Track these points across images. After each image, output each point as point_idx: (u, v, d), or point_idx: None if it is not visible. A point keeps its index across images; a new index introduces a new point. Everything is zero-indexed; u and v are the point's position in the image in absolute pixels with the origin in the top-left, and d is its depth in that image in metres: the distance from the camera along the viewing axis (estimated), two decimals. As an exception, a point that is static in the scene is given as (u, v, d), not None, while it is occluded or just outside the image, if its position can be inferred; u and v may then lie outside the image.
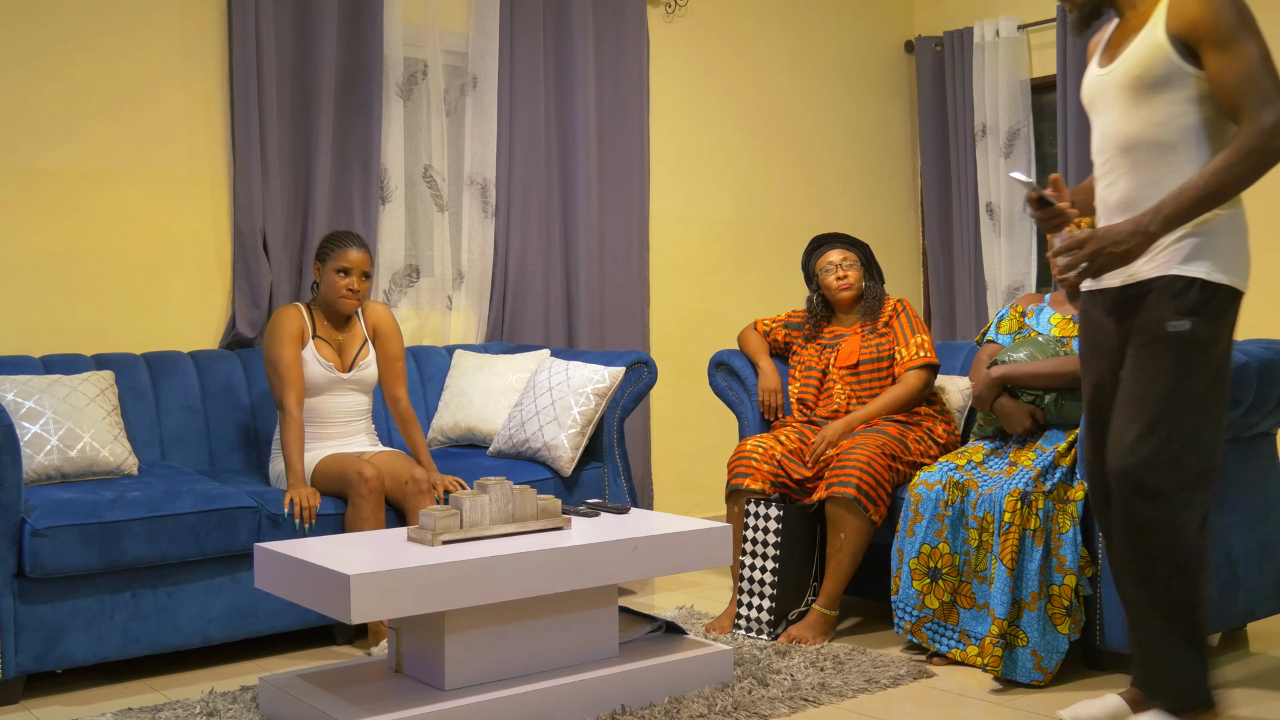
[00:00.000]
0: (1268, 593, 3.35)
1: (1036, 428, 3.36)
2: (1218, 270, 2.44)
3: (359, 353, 3.72)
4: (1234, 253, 2.46)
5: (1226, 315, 2.47)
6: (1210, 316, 2.44)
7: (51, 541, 2.99)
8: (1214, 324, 2.45)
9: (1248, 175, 2.34)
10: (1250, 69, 2.33)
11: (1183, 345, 2.44)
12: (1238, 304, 2.49)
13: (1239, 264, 2.48)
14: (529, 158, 4.83)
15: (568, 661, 2.89)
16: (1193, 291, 2.44)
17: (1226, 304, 2.46)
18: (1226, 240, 2.46)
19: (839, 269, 3.86)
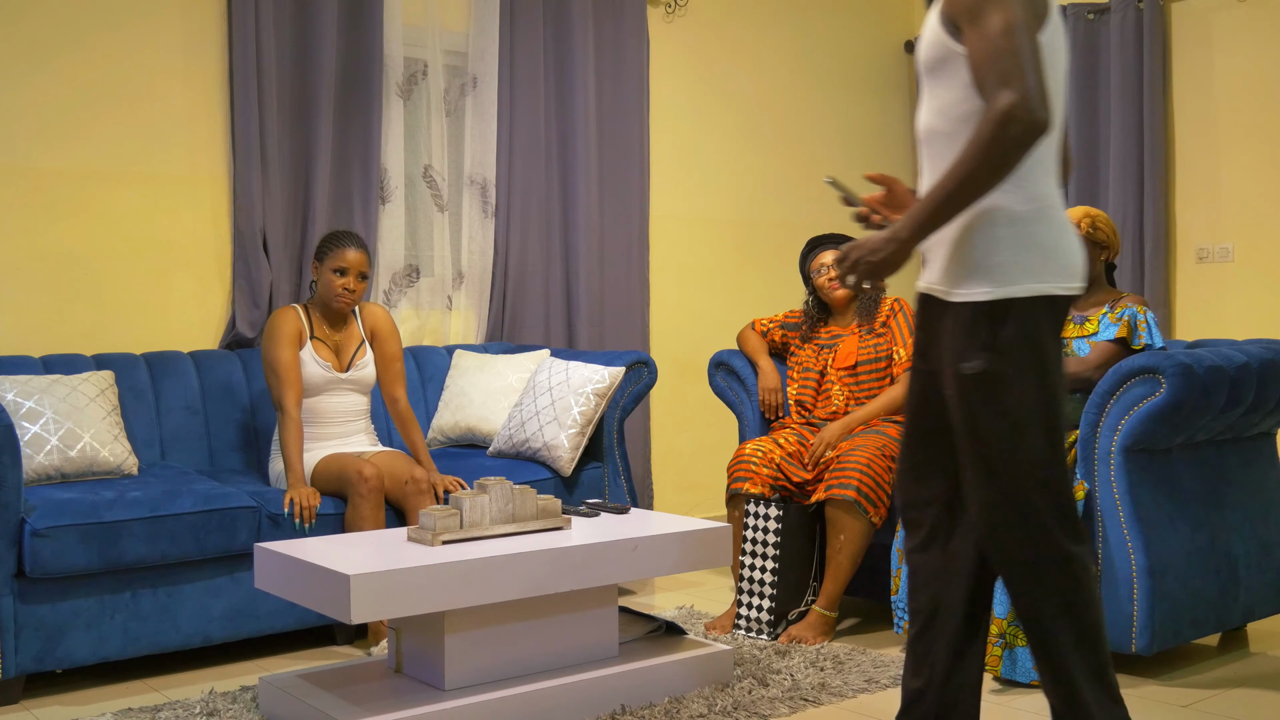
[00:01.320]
0: (1268, 593, 3.35)
1: (1036, 428, 3.36)
2: (1006, 283, 2.09)
3: (356, 353, 3.72)
4: (1027, 253, 2.11)
5: (1034, 329, 2.10)
6: (1012, 340, 2.09)
7: (51, 541, 2.99)
8: (1018, 346, 2.10)
9: (987, 169, 1.98)
10: (991, 46, 2.00)
11: (990, 384, 2.11)
12: (1051, 307, 2.12)
13: (1036, 264, 2.11)
14: (529, 158, 4.83)
15: (568, 661, 2.89)
16: (980, 320, 2.10)
17: (1028, 315, 2.10)
18: (1013, 242, 2.11)
19: (831, 269, 3.87)
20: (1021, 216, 2.11)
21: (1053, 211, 2.15)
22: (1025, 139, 1.95)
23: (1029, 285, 2.09)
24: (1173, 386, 2.97)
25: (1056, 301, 2.13)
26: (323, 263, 3.65)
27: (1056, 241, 2.13)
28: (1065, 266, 2.13)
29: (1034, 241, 2.11)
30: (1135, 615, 3.01)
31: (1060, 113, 2.20)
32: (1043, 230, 2.12)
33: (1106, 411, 3.09)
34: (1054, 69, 2.13)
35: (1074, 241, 2.17)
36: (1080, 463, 3.15)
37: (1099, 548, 3.08)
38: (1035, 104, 1.95)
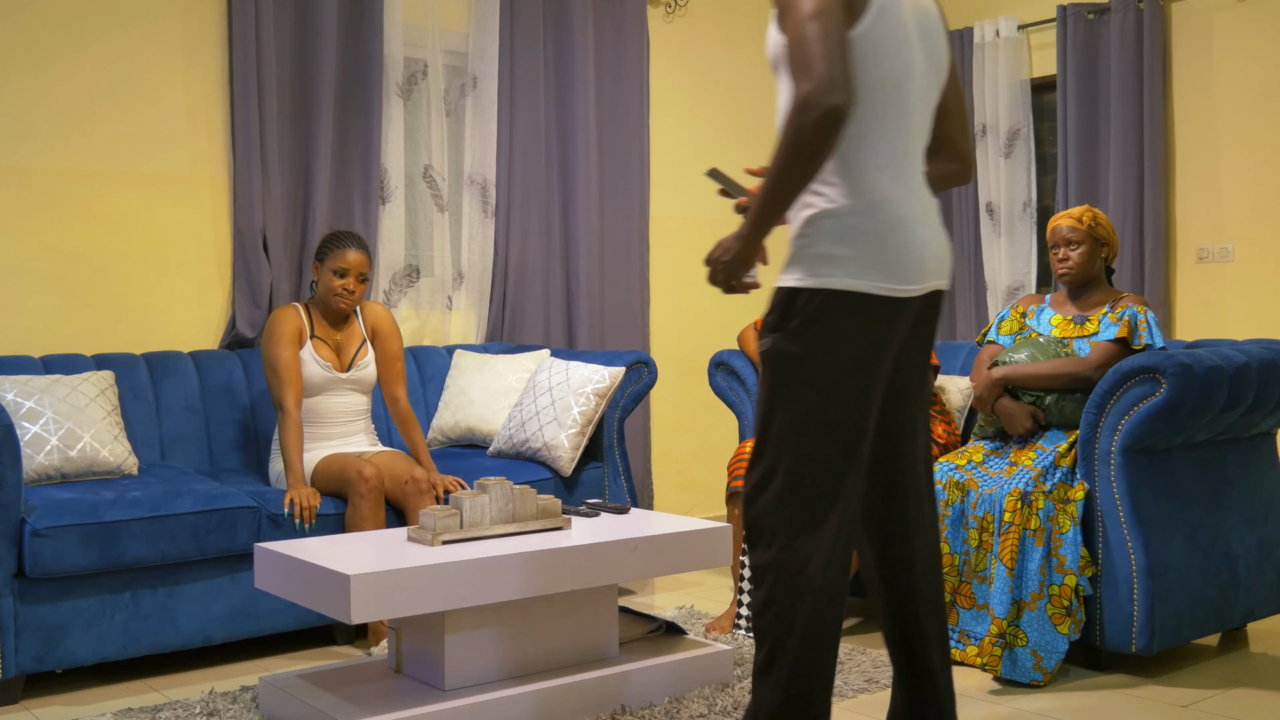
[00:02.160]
0: (1268, 593, 3.35)
1: (1038, 428, 3.36)
2: (814, 274, 2.05)
3: (357, 353, 3.72)
4: (846, 248, 2.05)
5: (834, 323, 2.05)
6: (804, 328, 2.06)
7: (51, 541, 2.99)
8: (811, 336, 2.06)
9: (794, 159, 1.91)
10: (792, 36, 1.94)
11: (773, 365, 2.09)
12: (864, 305, 2.06)
13: (854, 260, 2.05)
14: (529, 158, 4.83)
15: (568, 661, 2.89)
16: (782, 302, 2.09)
17: (833, 310, 2.05)
18: (832, 237, 2.06)
19: None
20: (843, 211, 2.06)
21: (884, 208, 2.07)
22: (823, 126, 1.88)
23: (840, 280, 2.04)
24: (1173, 386, 2.97)
25: (873, 300, 2.05)
26: (323, 263, 3.65)
27: (883, 239, 2.06)
28: (889, 266, 2.06)
29: (855, 237, 2.05)
30: (1135, 615, 3.01)
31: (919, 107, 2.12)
32: (868, 227, 2.06)
33: (1106, 411, 3.09)
34: (880, 60, 2.05)
35: (910, 242, 2.08)
36: (1080, 463, 3.15)
37: (1099, 548, 3.08)
38: (829, 89, 1.87)
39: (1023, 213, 5.82)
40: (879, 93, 2.06)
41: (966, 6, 6.08)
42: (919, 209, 2.12)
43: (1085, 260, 3.41)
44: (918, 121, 2.15)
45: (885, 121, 2.08)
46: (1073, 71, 5.48)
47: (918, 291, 2.10)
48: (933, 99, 2.19)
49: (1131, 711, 2.86)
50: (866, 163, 2.07)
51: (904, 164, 2.11)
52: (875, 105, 2.07)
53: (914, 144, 2.14)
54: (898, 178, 2.10)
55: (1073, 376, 3.28)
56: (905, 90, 2.10)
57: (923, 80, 2.15)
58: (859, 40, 2.03)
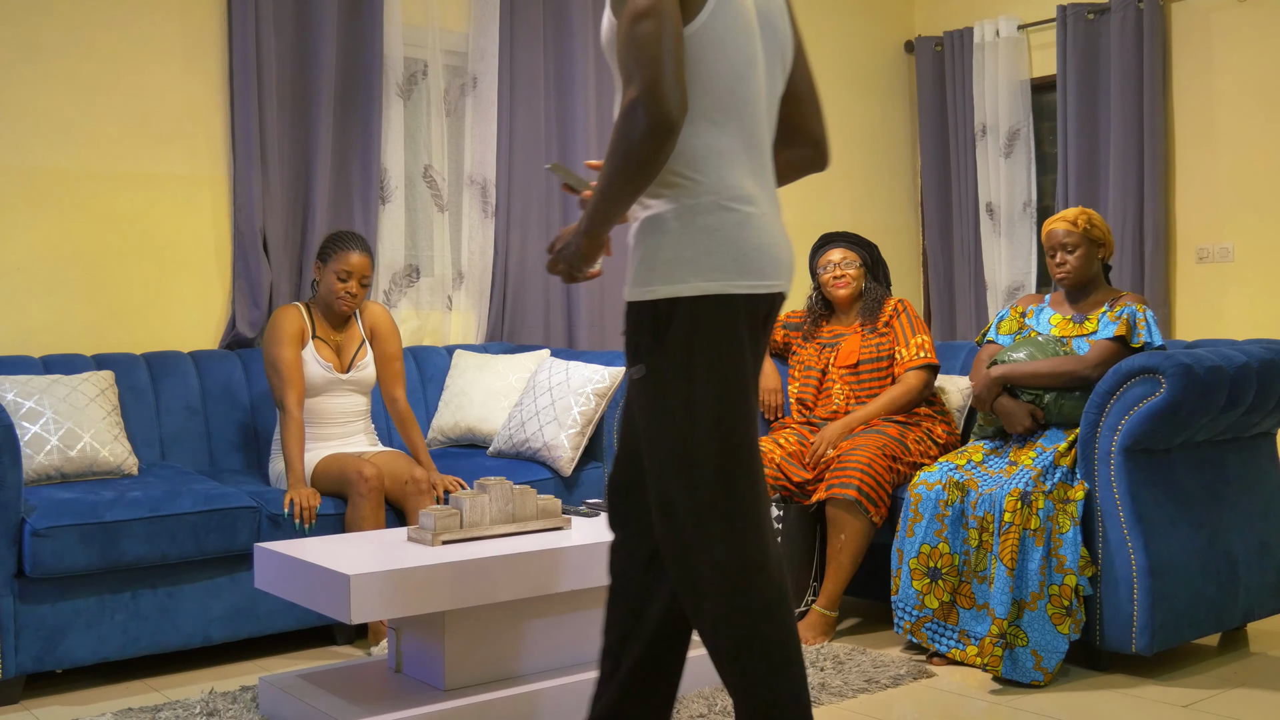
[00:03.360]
0: (1268, 593, 3.35)
1: (1037, 427, 3.37)
2: (671, 280, 1.94)
3: (357, 353, 3.72)
4: (700, 250, 1.95)
5: (701, 328, 1.95)
6: (675, 345, 1.94)
7: (51, 541, 2.99)
8: (683, 349, 1.94)
9: (625, 163, 1.83)
10: (624, 35, 1.86)
11: (652, 388, 1.97)
12: (728, 307, 1.96)
13: (711, 261, 1.94)
14: (529, 158, 4.83)
15: (568, 661, 2.88)
16: (645, 320, 1.97)
17: (697, 315, 1.94)
18: (681, 239, 1.95)
19: (837, 268, 3.86)
20: (694, 211, 1.96)
21: (737, 206, 1.98)
22: (654, 131, 1.80)
23: (698, 284, 1.94)
24: (1173, 386, 2.97)
25: (736, 301, 1.96)
26: (326, 264, 3.65)
27: (738, 238, 1.97)
28: (749, 264, 1.97)
29: (710, 238, 1.95)
30: (1135, 615, 3.01)
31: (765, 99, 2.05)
32: (721, 226, 1.96)
33: (1106, 411, 3.09)
34: (723, 52, 1.97)
35: (766, 238, 2.00)
36: (1080, 463, 3.15)
37: (1099, 548, 3.08)
38: (660, 95, 1.80)
39: (1023, 213, 5.82)
40: (722, 87, 1.97)
41: (966, 6, 6.08)
42: (768, 205, 2.04)
43: (1082, 263, 3.41)
44: (764, 114, 2.06)
45: (730, 116, 1.99)
46: (1073, 71, 5.48)
47: (772, 289, 2.01)
48: (778, 88, 2.11)
49: (1131, 711, 2.86)
50: (713, 159, 1.97)
51: (752, 158, 2.03)
52: (719, 100, 1.97)
53: (762, 137, 2.05)
54: (747, 173, 2.01)
55: (1071, 375, 3.28)
56: (749, 82, 2.01)
57: (767, 70, 2.06)
58: (698, 35, 1.94)
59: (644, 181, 1.86)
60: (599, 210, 1.92)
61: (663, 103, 1.80)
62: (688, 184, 1.97)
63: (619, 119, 1.84)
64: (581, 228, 1.97)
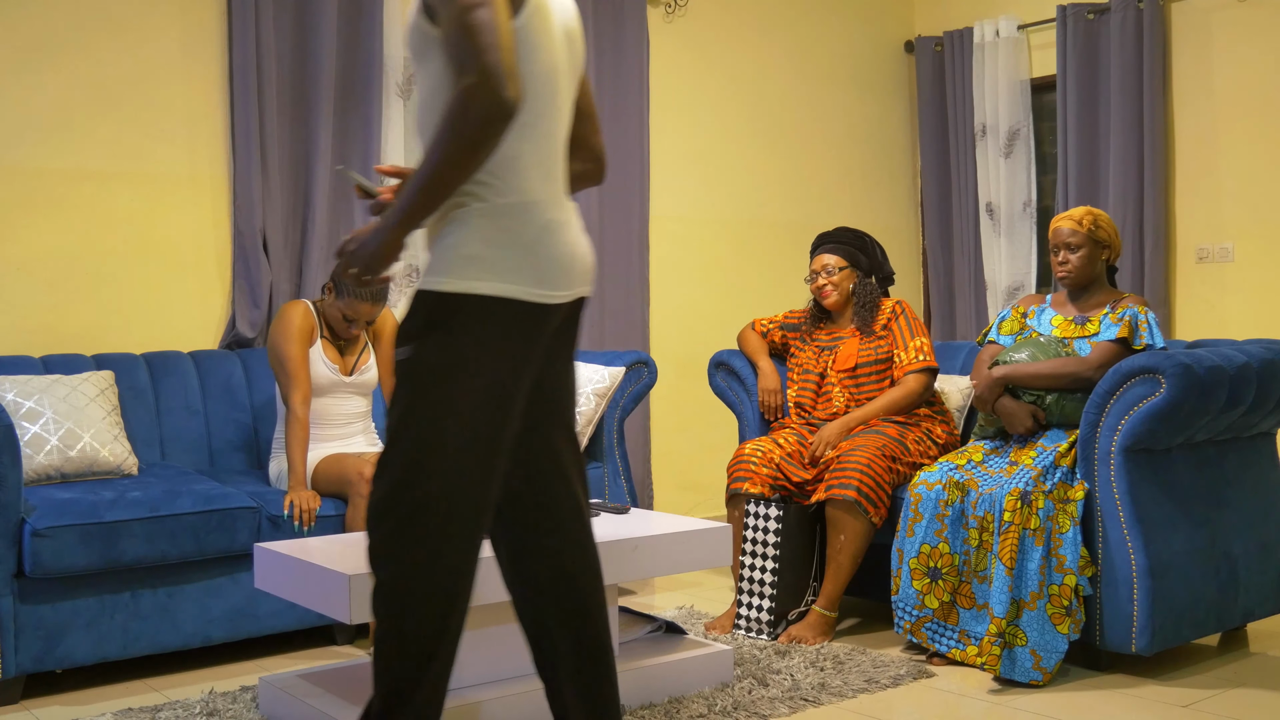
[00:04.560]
0: (1268, 593, 3.35)
1: (1038, 428, 3.37)
2: (462, 277, 1.93)
3: (360, 356, 3.72)
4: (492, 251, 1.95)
5: (481, 331, 1.94)
6: (449, 337, 1.94)
7: (51, 541, 2.99)
8: (456, 345, 1.94)
9: (455, 154, 1.82)
10: (455, 25, 1.84)
11: (412, 376, 1.96)
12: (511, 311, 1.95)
13: (501, 264, 1.94)
14: (529, 158, 4.83)
15: (568, 661, 2.88)
16: (421, 309, 1.96)
17: (481, 317, 1.94)
18: (482, 237, 1.95)
19: (822, 274, 3.85)
20: (495, 211, 1.96)
21: (535, 211, 1.98)
22: (490, 120, 1.79)
23: (485, 284, 1.93)
24: (1173, 386, 2.97)
25: (525, 309, 1.95)
26: (336, 297, 3.59)
27: (533, 243, 1.97)
28: (546, 273, 1.97)
29: (512, 240, 1.96)
30: (1135, 615, 3.01)
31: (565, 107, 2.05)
32: (519, 228, 1.96)
33: (1106, 411, 3.09)
34: (535, 55, 1.98)
35: (564, 248, 2.00)
36: (1080, 463, 3.15)
37: (1099, 547, 3.08)
38: (497, 84, 1.78)
39: (1023, 213, 5.82)
40: (531, 91, 1.97)
41: (966, 6, 6.08)
42: (566, 212, 2.04)
43: (1085, 264, 3.41)
44: (563, 122, 2.07)
45: (537, 120, 1.99)
46: (1073, 71, 5.48)
47: (565, 298, 2.01)
48: (573, 99, 2.12)
49: (1131, 711, 2.86)
50: (519, 161, 1.97)
51: (553, 164, 2.04)
52: (528, 103, 1.97)
53: (560, 145, 2.06)
54: (548, 178, 2.02)
55: (1073, 376, 3.28)
56: (554, 89, 2.02)
57: (567, 79, 2.07)
58: (517, 34, 1.94)
59: (472, 170, 1.84)
60: (416, 203, 1.88)
61: (500, 89, 1.78)
62: (494, 185, 1.96)
63: (455, 107, 1.80)
64: (389, 223, 1.92)
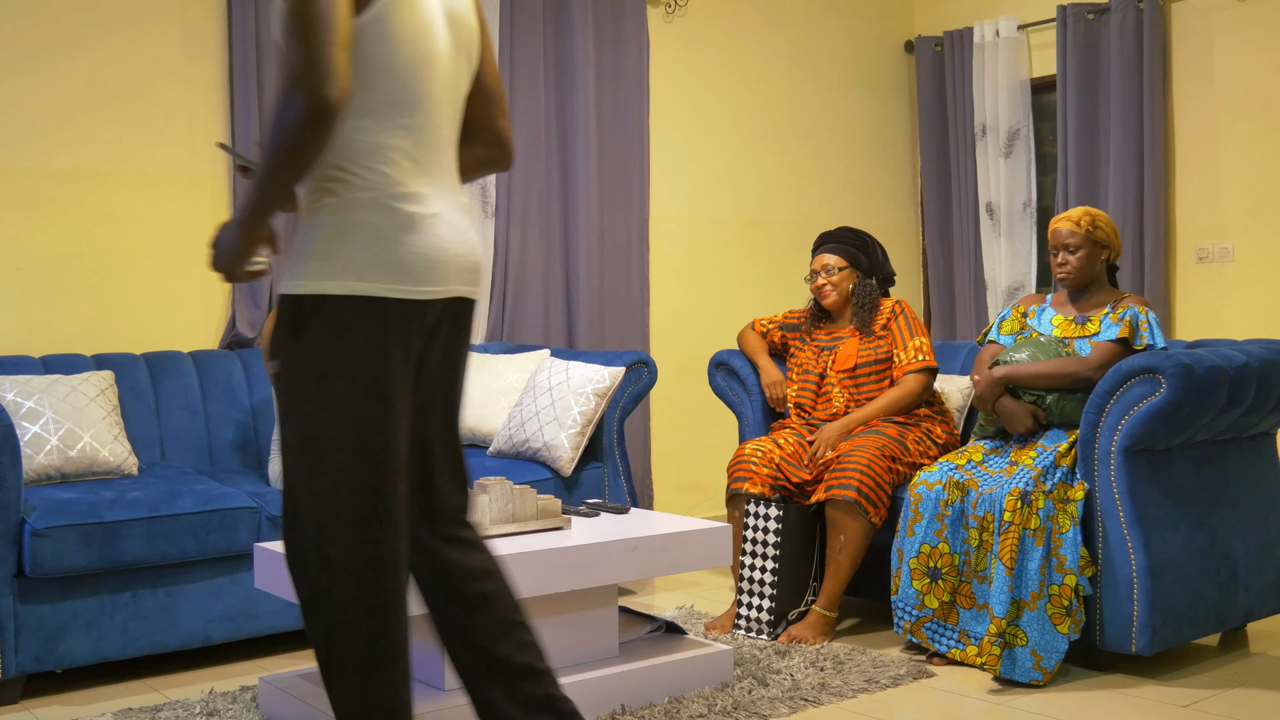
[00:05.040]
0: (1268, 593, 3.35)
1: (1039, 428, 3.37)
2: (320, 277, 1.86)
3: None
4: (353, 248, 1.87)
5: (348, 332, 1.86)
6: (315, 342, 1.87)
7: (51, 541, 2.99)
8: (324, 350, 1.87)
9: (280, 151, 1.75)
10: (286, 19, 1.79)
11: (287, 386, 1.89)
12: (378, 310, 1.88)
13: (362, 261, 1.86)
14: (529, 158, 4.83)
15: (568, 661, 2.88)
16: (287, 315, 1.89)
17: (345, 318, 1.86)
18: (339, 234, 1.87)
19: (823, 275, 3.85)
20: (352, 207, 1.88)
21: (400, 206, 1.90)
22: (309, 118, 1.72)
23: (349, 283, 1.86)
24: (1173, 386, 2.97)
25: (387, 305, 1.88)
26: None
27: (398, 239, 1.88)
28: (407, 268, 1.89)
29: (367, 236, 1.87)
30: (1135, 615, 3.01)
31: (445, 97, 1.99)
32: (381, 225, 1.88)
33: (1106, 411, 3.09)
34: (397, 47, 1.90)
35: (431, 241, 1.92)
36: (1080, 463, 3.15)
37: (1099, 548, 3.08)
38: (317, 81, 1.72)
39: (1022, 213, 5.82)
40: (393, 82, 1.90)
41: (966, 6, 6.08)
42: (441, 206, 1.96)
43: (1083, 264, 3.41)
44: (444, 111, 2.00)
45: (400, 113, 1.92)
46: (1073, 71, 5.48)
47: (436, 295, 1.94)
48: (463, 87, 2.05)
49: (1131, 711, 2.86)
50: (378, 155, 1.90)
51: (426, 156, 1.96)
52: (389, 95, 1.90)
53: (439, 136, 1.99)
54: (417, 173, 1.94)
55: (1074, 376, 3.28)
56: (426, 78, 1.95)
57: (450, 68, 2.00)
58: (369, 27, 1.87)
59: (299, 169, 1.77)
60: (254, 199, 1.82)
61: (320, 86, 1.72)
62: (349, 180, 1.88)
63: (276, 104, 1.75)
64: (237, 219, 1.86)
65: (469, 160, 2.15)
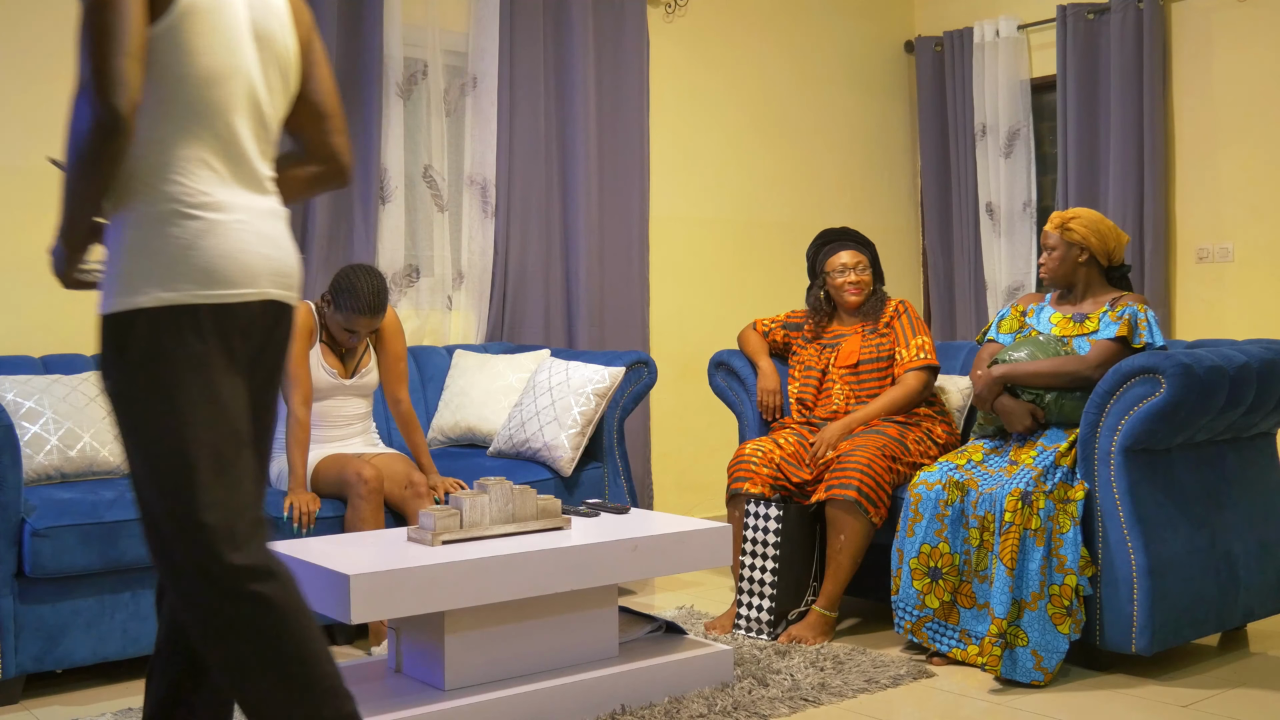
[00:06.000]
0: (1268, 593, 3.35)
1: (1037, 426, 3.37)
2: (130, 292, 1.84)
3: (361, 359, 3.71)
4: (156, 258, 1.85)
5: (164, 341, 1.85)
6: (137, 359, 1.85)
7: (51, 541, 2.99)
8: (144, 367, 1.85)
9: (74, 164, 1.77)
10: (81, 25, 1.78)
11: (118, 409, 1.89)
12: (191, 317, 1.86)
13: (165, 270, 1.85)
14: (529, 158, 4.83)
15: (568, 661, 2.88)
16: (109, 334, 1.87)
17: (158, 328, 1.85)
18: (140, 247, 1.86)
19: (853, 272, 3.84)
20: (152, 219, 1.86)
21: (200, 214, 1.89)
22: (97, 130, 1.73)
23: (158, 294, 1.84)
24: (1173, 386, 2.97)
25: (200, 311, 1.87)
26: (336, 310, 3.56)
27: (200, 245, 1.87)
28: (214, 272, 1.88)
29: (168, 246, 1.86)
30: (1135, 615, 3.01)
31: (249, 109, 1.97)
32: (182, 234, 1.86)
33: (1106, 411, 3.09)
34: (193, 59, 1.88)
35: (235, 244, 1.91)
36: (1080, 463, 3.15)
37: (1099, 547, 3.08)
38: (105, 89, 1.72)
39: (1022, 213, 5.82)
40: (192, 92, 1.89)
41: (966, 6, 6.08)
42: (244, 214, 1.94)
43: (1059, 264, 3.44)
44: (248, 124, 1.98)
45: (200, 124, 1.91)
46: (1073, 71, 5.48)
47: (248, 297, 1.93)
48: (278, 101, 2.05)
49: (1131, 711, 2.86)
50: (178, 165, 1.89)
51: (227, 166, 1.94)
52: (187, 106, 1.89)
53: (242, 147, 1.97)
54: (218, 181, 1.93)
55: (1072, 375, 3.28)
56: (227, 91, 1.94)
57: (257, 81, 1.99)
58: (164, 37, 1.85)
59: (94, 180, 1.79)
60: (65, 209, 1.84)
61: (107, 97, 1.72)
62: (147, 193, 1.87)
63: (69, 115, 1.77)
64: (60, 227, 1.89)
65: (303, 177, 2.18)
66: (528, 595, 2.71)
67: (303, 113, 2.16)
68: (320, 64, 2.16)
